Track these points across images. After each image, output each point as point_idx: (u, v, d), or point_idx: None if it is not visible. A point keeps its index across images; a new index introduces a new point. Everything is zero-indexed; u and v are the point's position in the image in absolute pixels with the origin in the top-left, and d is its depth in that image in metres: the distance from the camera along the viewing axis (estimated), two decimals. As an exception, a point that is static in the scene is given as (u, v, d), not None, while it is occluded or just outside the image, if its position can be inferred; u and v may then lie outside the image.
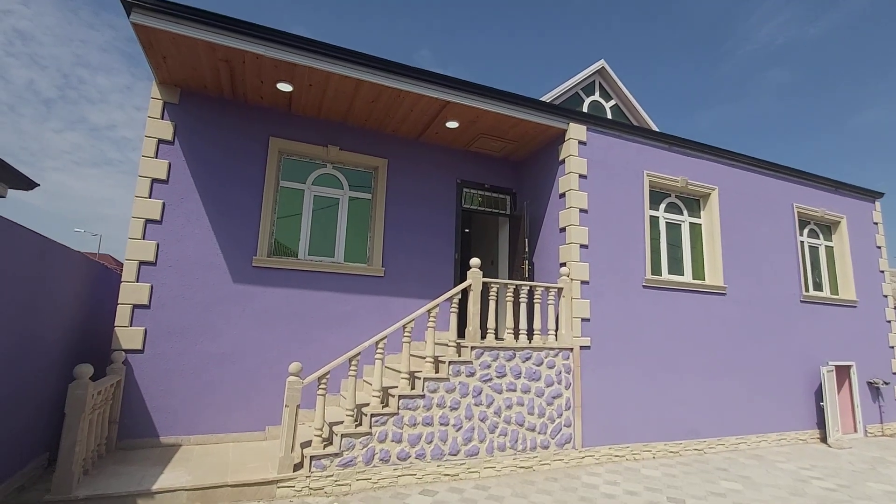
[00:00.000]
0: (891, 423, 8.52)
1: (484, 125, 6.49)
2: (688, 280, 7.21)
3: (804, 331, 7.95)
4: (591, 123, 6.65)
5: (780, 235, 8.12)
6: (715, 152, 7.63)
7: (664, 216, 7.32)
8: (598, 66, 9.22)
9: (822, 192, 8.85)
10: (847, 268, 8.86)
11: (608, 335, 6.19)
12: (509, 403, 5.41)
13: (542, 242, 6.88)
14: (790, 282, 8.02)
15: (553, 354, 5.79)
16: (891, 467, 6.24)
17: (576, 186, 6.32)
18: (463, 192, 7.33)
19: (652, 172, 6.98)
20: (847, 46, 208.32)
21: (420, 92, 5.58)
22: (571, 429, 5.73)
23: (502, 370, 5.45)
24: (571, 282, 6.05)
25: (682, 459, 6.16)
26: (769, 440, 7.17)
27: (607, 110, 9.57)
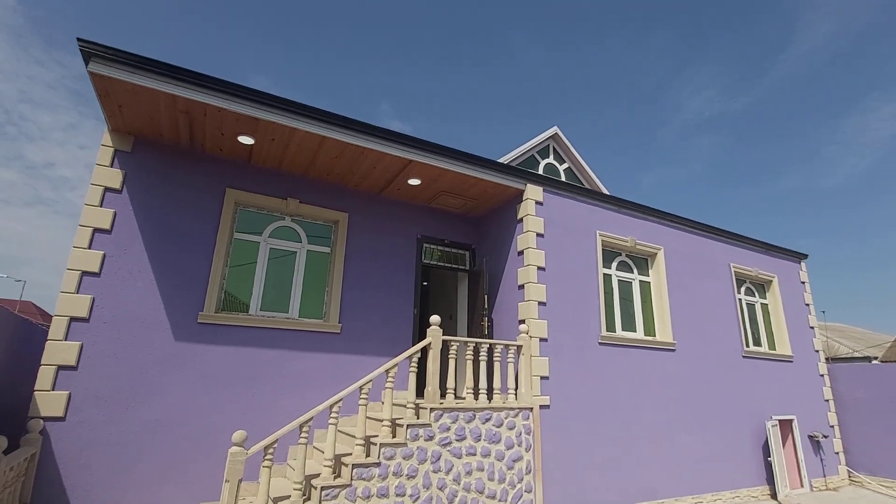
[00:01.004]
0: (832, 477, 8.85)
1: (445, 183, 6.66)
2: (640, 336, 7.44)
3: (748, 385, 8.30)
4: (548, 185, 6.99)
5: (720, 293, 8.63)
6: (660, 215, 8.16)
7: (616, 274, 7.63)
8: (552, 131, 9.86)
9: (755, 253, 9.59)
10: (781, 324, 9.47)
11: (567, 393, 6.19)
12: (469, 469, 5.20)
13: (501, 298, 6.95)
14: (732, 337, 8.45)
15: (513, 415, 5.69)
16: (836, 523, 6.41)
17: (534, 245, 6.51)
18: (423, 248, 7.37)
19: (604, 232, 7.33)
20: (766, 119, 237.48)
21: (384, 150, 5.69)
22: (532, 495, 5.55)
23: (462, 433, 5.27)
24: (530, 339, 6.08)
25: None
26: (724, 498, 7.23)
27: (561, 172, 10.13)
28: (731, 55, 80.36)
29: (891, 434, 8.82)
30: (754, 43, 74.81)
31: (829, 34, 64.03)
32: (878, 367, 9.70)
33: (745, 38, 73.23)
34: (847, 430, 9.45)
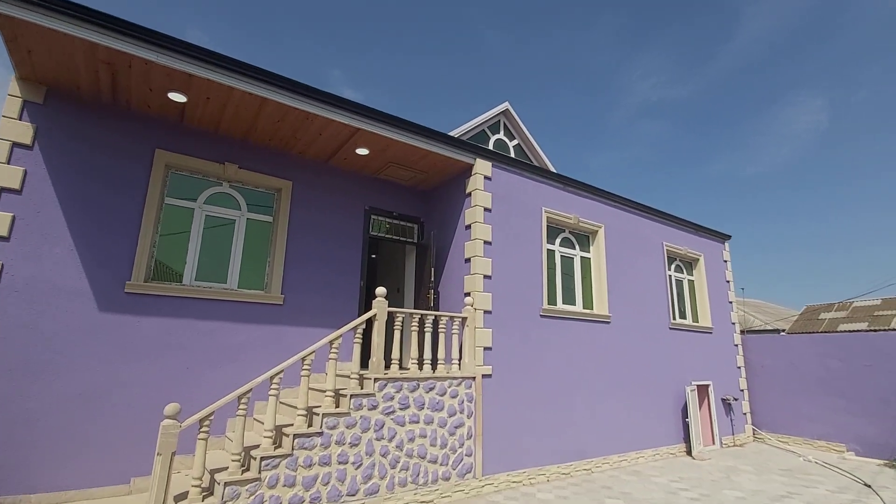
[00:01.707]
0: (740, 435, 9.89)
1: (394, 154, 6.55)
2: (579, 309, 7.83)
3: (672, 354, 9.01)
4: (497, 160, 7.06)
5: (653, 270, 9.21)
6: (602, 194, 8.51)
7: (559, 250, 7.92)
8: (503, 107, 9.91)
9: (685, 234, 10.26)
10: (704, 299, 10.29)
11: (508, 363, 6.44)
12: (412, 436, 5.33)
13: (448, 272, 7.04)
14: (661, 311, 9.09)
15: (456, 384, 5.86)
16: (741, 475, 7.21)
17: (481, 219, 6.60)
18: (371, 220, 7.27)
19: (549, 209, 7.55)
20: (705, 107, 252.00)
21: (330, 116, 5.49)
22: (472, 458, 5.80)
23: (406, 402, 5.37)
24: (475, 311, 6.23)
25: (572, 480, 6.52)
26: (646, 456, 7.90)
27: (511, 149, 10.25)
28: (679, 43, 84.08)
29: (788, 396, 9.95)
30: (700, 32, 78.51)
31: (766, 29, 68.08)
32: (784, 337, 10.83)
33: (692, 26, 76.75)
34: (754, 393, 10.56)
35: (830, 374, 9.39)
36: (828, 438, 9.23)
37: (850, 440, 8.93)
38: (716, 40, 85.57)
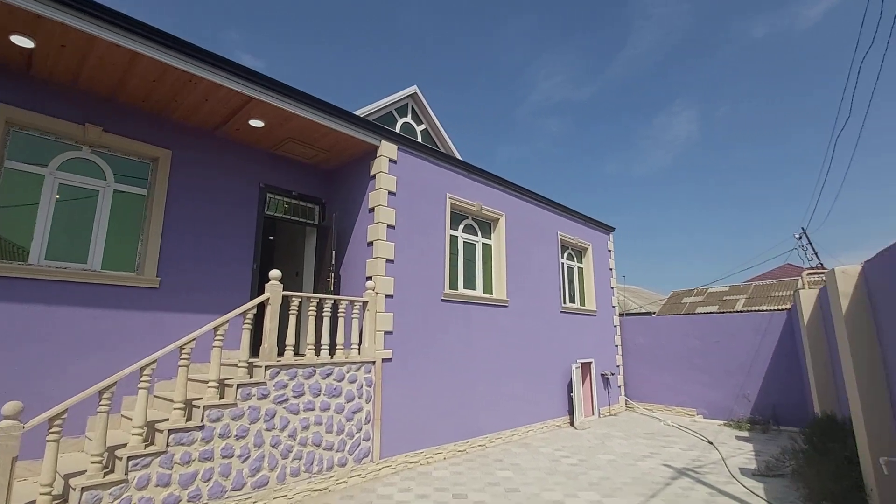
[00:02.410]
0: (615, 405, 11.10)
1: (293, 129, 6.16)
2: (479, 294, 8.12)
3: (562, 336, 9.78)
4: (403, 144, 6.97)
5: (548, 257, 9.85)
6: (504, 183, 8.85)
7: (462, 236, 8.11)
8: (412, 90, 9.80)
9: (578, 225, 11.12)
10: (590, 284, 11.28)
11: (409, 346, 6.48)
12: (306, 424, 5.15)
13: (350, 255, 6.85)
14: (554, 296, 9.79)
15: (355, 369, 5.77)
16: (614, 440, 8.09)
17: (385, 202, 6.50)
18: (267, 198, 6.79)
19: (454, 196, 7.68)
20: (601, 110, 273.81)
21: (218, 81, 4.97)
22: (370, 442, 5.77)
23: (300, 389, 5.16)
24: (377, 295, 6.15)
25: (468, 457, 6.81)
26: (535, 429, 8.52)
27: (418, 133, 10.21)
28: (581, 48, 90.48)
29: (655, 370, 11.37)
30: (599, 39, 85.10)
31: (654, 42, 75.57)
32: (653, 319, 12.30)
33: (593, 33, 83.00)
34: (628, 368, 11.89)
35: (687, 350, 10.89)
36: (684, 405, 10.73)
37: (700, 406, 10.48)
38: (612, 48, 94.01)
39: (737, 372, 10.06)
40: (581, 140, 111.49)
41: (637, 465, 6.45)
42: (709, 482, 5.65)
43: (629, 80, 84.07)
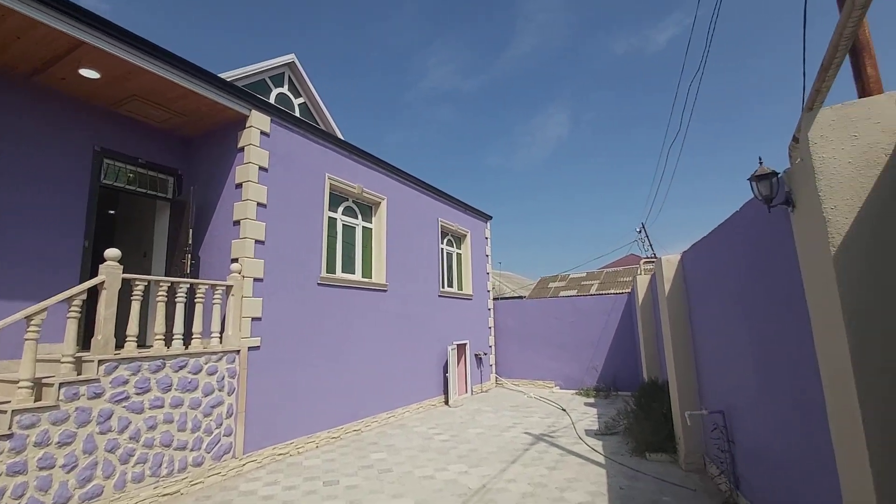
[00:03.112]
0: (486, 383, 11.88)
1: (140, 86, 5.31)
2: (358, 278, 7.97)
3: (440, 319, 10.11)
4: (278, 116, 6.46)
5: (429, 242, 10.06)
6: (387, 167, 8.76)
7: (342, 218, 7.85)
8: (289, 58, 9.07)
9: (458, 212, 11.53)
10: (468, 270, 11.83)
11: (281, 333, 6.12)
12: (153, 423, 4.56)
13: (212, 235, 6.19)
14: (433, 280, 10.05)
15: (216, 359, 5.26)
16: (483, 415, 8.65)
17: (255, 178, 5.97)
18: (104, 164, 5.77)
19: (333, 176, 7.37)
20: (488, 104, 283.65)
21: (33, 16, 4.04)
22: (232, 437, 5.34)
23: (145, 385, 4.54)
24: (243, 279, 5.67)
25: (342, 443, 6.71)
26: (411, 410, 8.73)
27: (296, 107, 9.56)
28: (473, 38, 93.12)
29: (522, 349, 12.42)
30: (488, 33, 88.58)
31: (535, 45, 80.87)
32: (522, 302, 13.38)
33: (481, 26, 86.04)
34: (499, 348, 12.80)
35: (549, 330, 12.09)
36: (544, 378, 11.92)
37: (557, 378, 11.74)
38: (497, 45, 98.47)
39: (588, 347, 11.47)
40: (467, 131, 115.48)
41: (502, 435, 6.99)
42: (560, 444, 6.37)
43: (512, 78, 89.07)
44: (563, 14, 72.07)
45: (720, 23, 38.00)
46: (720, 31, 38.67)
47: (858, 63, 3.06)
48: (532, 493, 4.59)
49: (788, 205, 2.54)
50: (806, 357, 2.52)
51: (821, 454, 2.44)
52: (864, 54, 3.05)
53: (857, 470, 2.00)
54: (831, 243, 2.08)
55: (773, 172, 2.61)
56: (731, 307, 3.90)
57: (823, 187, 2.14)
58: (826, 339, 2.22)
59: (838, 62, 2.37)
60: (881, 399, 1.91)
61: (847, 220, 2.07)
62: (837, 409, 2.15)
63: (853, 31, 2.14)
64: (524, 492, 4.62)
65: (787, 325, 2.82)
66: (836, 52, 2.27)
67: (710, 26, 5.22)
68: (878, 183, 2.05)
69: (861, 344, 1.97)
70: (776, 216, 2.79)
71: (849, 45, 2.26)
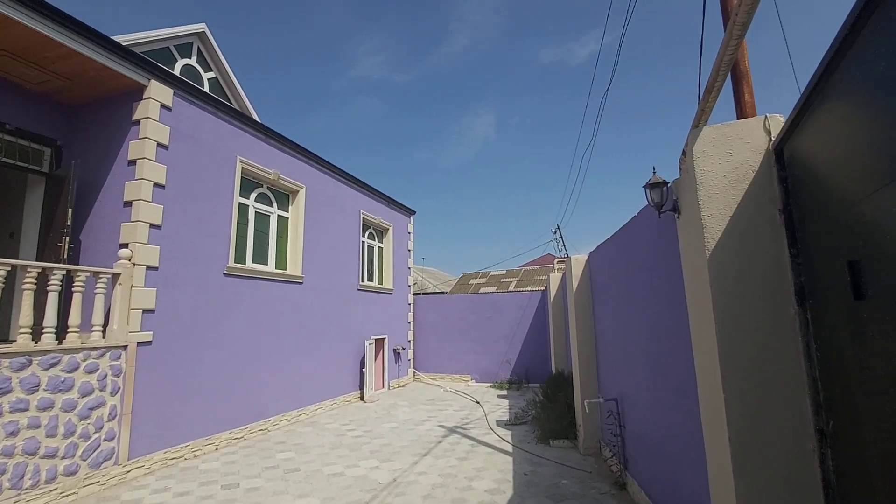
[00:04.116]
0: (404, 378, 11.87)
1: (9, 40, 4.55)
2: (271, 269, 7.55)
3: (359, 313, 9.91)
4: (182, 89, 5.89)
5: (349, 235, 9.80)
6: (307, 154, 8.37)
7: (254, 205, 7.38)
8: (199, 27, 8.26)
9: (381, 205, 11.36)
10: (389, 264, 11.72)
11: (178, 327, 5.60)
12: (13, 429, 3.96)
13: (98, 216, 5.50)
14: (352, 273, 9.82)
15: (96, 356, 4.69)
16: (399, 409, 8.63)
17: (152, 156, 5.40)
18: (-42, 127, 4.88)
19: (246, 160, 6.89)
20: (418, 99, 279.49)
21: None
22: (115, 441, 4.80)
23: (5, 385, 3.93)
24: (134, 266, 5.11)
25: (245, 443, 6.32)
26: (324, 406, 8.47)
27: (205, 81, 8.77)
28: (403, 31, 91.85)
29: (441, 343, 12.59)
30: (420, 27, 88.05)
31: (465, 45, 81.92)
32: (443, 297, 13.55)
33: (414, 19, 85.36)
34: (418, 343, 12.85)
35: (467, 325, 12.37)
36: (461, 372, 12.19)
37: (474, 372, 12.06)
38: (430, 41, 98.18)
39: (503, 341, 11.91)
40: (395, 124, 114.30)
41: (416, 428, 7.03)
42: (472, 435, 6.54)
43: (442, 76, 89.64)
44: (494, 17, 73.83)
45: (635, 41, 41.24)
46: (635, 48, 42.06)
47: (738, 89, 3.48)
48: (442, 483, 4.66)
49: (675, 211, 2.81)
50: (684, 350, 2.81)
51: (693, 436, 2.73)
52: (744, 82, 3.49)
53: (718, 447, 2.27)
54: (707, 247, 2.33)
55: (663, 182, 2.87)
56: (627, 303, 4.25)
57: (703, 197, 2.39)
58: (699, 334, 2.49)
59: (719, 86, 2.66)
60: (740, 387, 2.18)
61: (720, 227, 2.33)
62: (707, 395, 2.42)
63: (731, 58, 2.40)
64: (434, 483, 4.68)
65: (670, 321, 3.13)
66: (717, 76, 2.55)
67: (618, 49, 5.64)
68: (745, 196, 2.33)
69: (727, 338, 2.23)
70: (665, 221, 3.08)
71: (727, 71, 2.54)
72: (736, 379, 2.18)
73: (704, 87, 2.67)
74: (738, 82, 3.48)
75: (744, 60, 3.51)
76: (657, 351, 3.49)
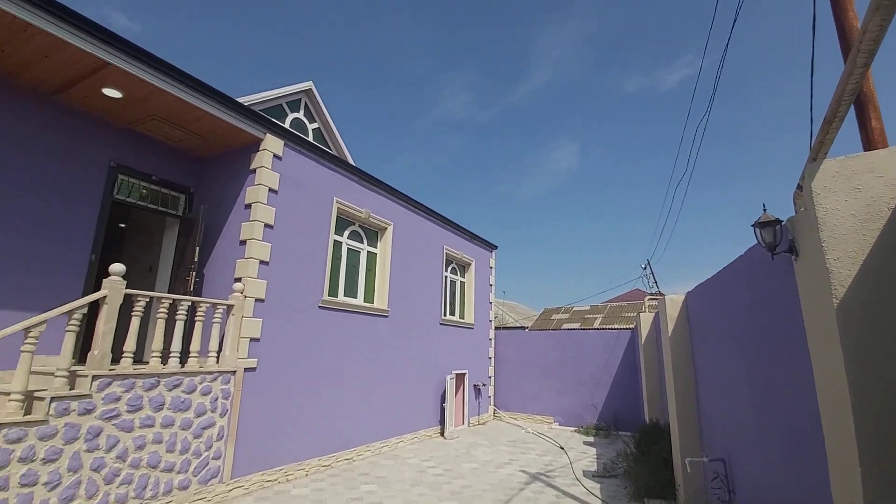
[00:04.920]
0: (484, 415, 11.63)
1: (159, 107, 5.47)
2: (360, 302, 7.95)
3: (440, 347, 10.01)
4: (291, 140, 6.60)
5: (432, 269, 10.06)
6: (395, 193, 8.86)
7: (347, 242, 7.90)
8: (307, 85, 9.36)
9: (463, 240, 11.57)
10: (471, 298, 11.77)
11: (278, 356, 6.07)
12: (141, 443, 4.49)
13: (218, 254, 6.24)
14: (435, 307, 10.00)
15: (210, 379, 5.21)
16: (479, 448, 8.44)
17: (264, 200, 6.06)
18: (118, 180, 5.89)
19: (341, 200, 7.46)
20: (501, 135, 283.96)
21: (61, 36, 4.20)
22: (221, 461, 5.23)
23: (138, 402, 4.50)
24: (245, 299, 5.67)
25: (332, 471, 6.54)
26: (405, 440, 8.53)
27: (310, 131, 9.77)
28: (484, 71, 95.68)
29: (521, 381, 12.21)
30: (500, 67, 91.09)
31: (547, 79, 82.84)
32: (524, 333, 13.24)
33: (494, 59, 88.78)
34: (498, 379, 12.59)
35: (550, 363, 11.90)
36: (543, 413, 11.66)
37: (556, 414, 11.48)
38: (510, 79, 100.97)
39: (588, 383, 11.25)
40: (477, 160, 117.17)
41: (497, 471, 6.80)
42: (556, 485, 6.17)
43: (524, 110, 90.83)
44: (577, 49, 73.98)
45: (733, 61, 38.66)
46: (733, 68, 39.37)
47: (863, 115, 3.07)
48: (526, 536, 4.42)
49: (792, 253, 2.53)
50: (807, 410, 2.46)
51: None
52: (869, 106, 3.08)
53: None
54: (834, 294, 2.06)
55: (776, 220, 2.61)
56: (734, 352, 3.84)
57: (826, 238, 2.13)
58: (827, 389, 2.17)
59: (841, 116, 2.40)
60: (879, 449, 1.85)
61: (849, 272, 2.06)
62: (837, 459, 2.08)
63: (855, 87, 2.18)
64: (517, 535, 4.46)
65: (787, 372, 2.77)
66: (839, 106, 2.31)
67: (717, 71, 5.34)
68: (880, 237, 2.05)
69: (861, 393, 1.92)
70: (779, 263, 2.78)
71: (851, 100, 2.29)
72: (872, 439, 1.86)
73: (823, 118, 2.43)
74: (863, 107, 3.08)
75: (868, 81, 3.12)
76: (772, 409, 3.08)
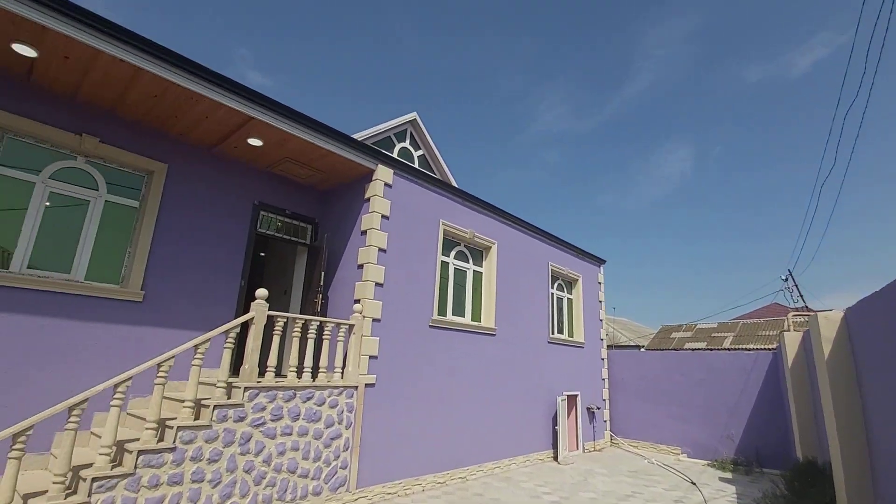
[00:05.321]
0: (600, 440, 10.95)
1: (290, 150, 6.22)
2: (467, 321, 8.08)
3: (549, 367, 9.71)
4: (399, 169, 7.05)
5: (538, 287, 9.87)
6: (497, 212, 8.93)
7: (454, 262, 8.13)
8: (412, 117, 9.98)
9: (569, 256, 11.19)
10: (579, 316, 11.28)
11: (393, 372, 6.40)
12: (282, 449, 5.02)
13: (340, 277, 6.82)
14: (542, 325, 9.77)
15: (337, 393, 5.67)
16: (597, 477, 7.95)
17: (378, 226, 6.52)
18: (260, 216, 6.79)
19: (447, 222, 7.72)
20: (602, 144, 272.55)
21: (219, 100, 5.03)
22: (347, 470, 5.63)
23: (279, 412, 5.05)
24: (364, 319, 6.11)
25: (447, 489, 6.65)
26: (517, 462, 8.37)
27: (415, 158, 10.35)
28: (582, 81, 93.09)
29: (641, 406, 11.28)
30: (599, 76, 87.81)
31: (652, 81, 77.87)
32: (640, 353, 12.27)
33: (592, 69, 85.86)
34: (614, 402, 11.79)
35: (673, 386, 10.84)
36: (668, 443, 10.62)
37: (684, 444, 10.37)
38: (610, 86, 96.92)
39: (722, 411, 10.01)
40: (578, 168, 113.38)
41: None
42: (690, 527, 5.54)
43: (627, 117, 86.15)
44: (684, 46, 68.49)
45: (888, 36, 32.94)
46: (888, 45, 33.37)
47: None
48: (658, 581, 4.03)
49: None
50: None
51: None
52: None
53: None
54: None
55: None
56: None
57: None
58: None
59: None
60: None
61: None
62: None
63: None
64: (648, 578, 4.08)
65: None
66: None
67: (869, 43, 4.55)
68: None
69: None
70: None
71: None
72: None
73: None
74: None
75: None
76: None
